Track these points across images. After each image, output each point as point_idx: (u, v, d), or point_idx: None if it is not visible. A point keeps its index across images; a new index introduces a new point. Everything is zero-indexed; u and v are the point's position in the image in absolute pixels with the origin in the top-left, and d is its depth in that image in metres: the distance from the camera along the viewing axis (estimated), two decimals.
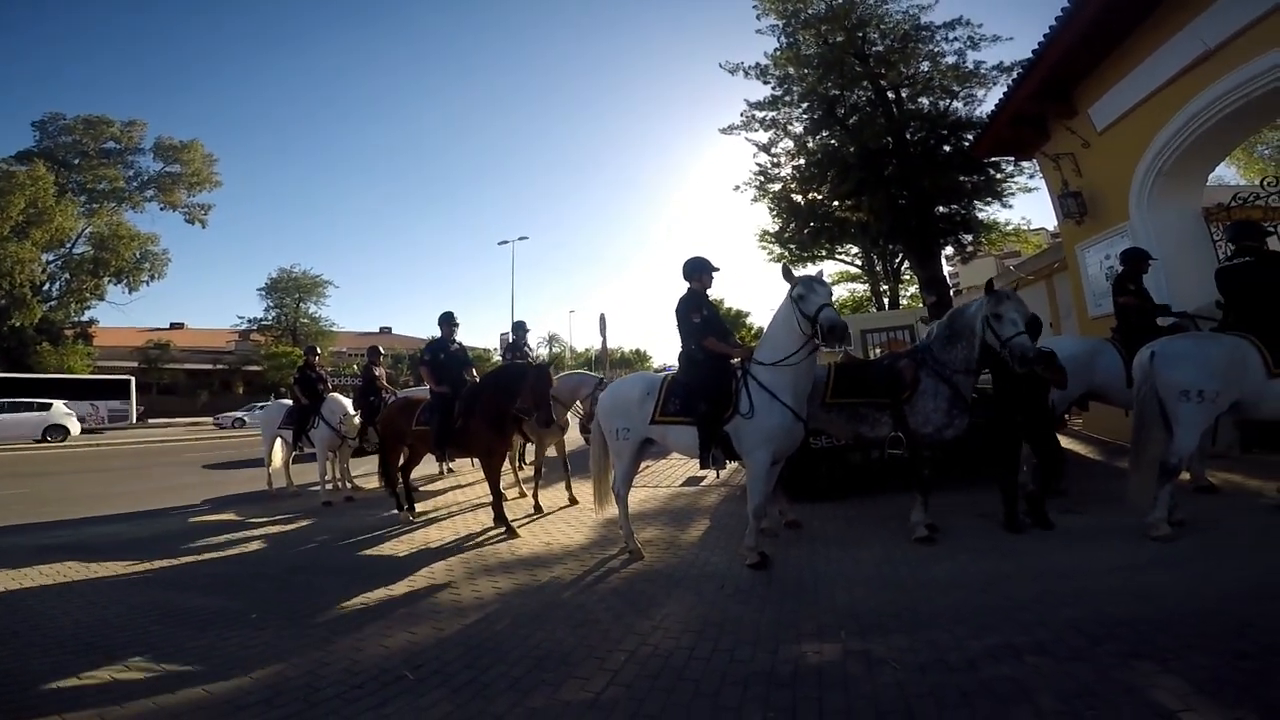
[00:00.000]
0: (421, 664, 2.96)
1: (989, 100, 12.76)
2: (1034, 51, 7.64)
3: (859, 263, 19.43)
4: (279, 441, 8.65)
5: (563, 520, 6.05)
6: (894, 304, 18.63)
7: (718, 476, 7.11)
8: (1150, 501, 4.03)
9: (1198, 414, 4.01)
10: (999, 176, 13.26)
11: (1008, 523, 4.47)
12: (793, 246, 16.51)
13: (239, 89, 72.54)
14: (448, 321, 6.47)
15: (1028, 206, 68.75)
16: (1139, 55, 6.90)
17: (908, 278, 19.10)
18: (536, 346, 6.41)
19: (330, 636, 3.35)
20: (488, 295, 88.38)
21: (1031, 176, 12.68)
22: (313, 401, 8.05)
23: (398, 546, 5.39)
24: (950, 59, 13.21)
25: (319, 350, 9.29)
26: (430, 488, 8.43)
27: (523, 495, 7.14)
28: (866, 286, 20.84)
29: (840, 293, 22.27)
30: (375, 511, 6.30)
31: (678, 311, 4.46)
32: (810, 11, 13.80)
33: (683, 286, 4.52)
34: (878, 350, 7.55)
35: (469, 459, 7.51)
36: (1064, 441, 6.00)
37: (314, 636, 3.37)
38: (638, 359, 50.29)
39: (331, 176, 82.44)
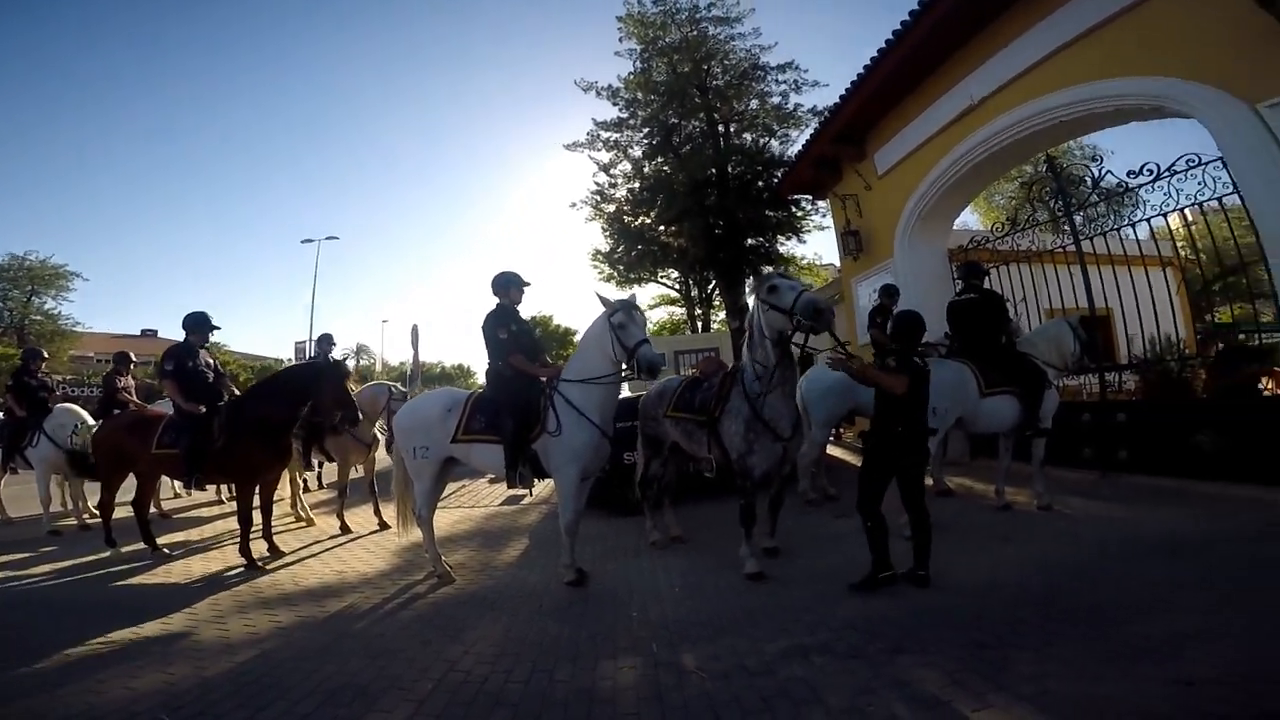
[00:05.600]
0: (181, 705, 2.54)
1: (800, 141, 13.88)
2: (840, 97, 8.31)
3: (678, 287, 20.45)
4: None
5: (362, 547, 5.53)
6: (705, 327, 19.84)
7: (531, 495, 6.97)
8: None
9: (939, 426, 4.61)
10: (799, 214, 14.69)
11: (915, 575, 3.49)
12: (621, 267, 16.93)
13: None
14: (200, 326, 5.32)
15: (820, 243, 76.84)
16: (920, 106, 7.66)
17: (718, 303, 20.49)
18: (343, 360, 5.84)
19: (60, 680, 2.80)
20: (286, 299, 79.29)
21: (824, 215, 14.15)
22: (31, 414, 6.61)
23: (147, 581, 4.59)
24: (776, 99, 14.39)
25: (46, 355, 7.62)
26: (194, 514, 7.29)
27: (298, 521, 6.56)
28: (683, 310, 21.97)
29: (660, 315, 23.31)
30: (121, 542, 5.26)
31: (484, 327, 4.34)
32: (667, 40, 14.37)
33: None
34: (691, 370, 7.93)
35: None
36: (834, 451, 6.47)
37: (38, 681, 2.81)
38: (460, 374, 47.72)
39: (91, 154, 68.60)
